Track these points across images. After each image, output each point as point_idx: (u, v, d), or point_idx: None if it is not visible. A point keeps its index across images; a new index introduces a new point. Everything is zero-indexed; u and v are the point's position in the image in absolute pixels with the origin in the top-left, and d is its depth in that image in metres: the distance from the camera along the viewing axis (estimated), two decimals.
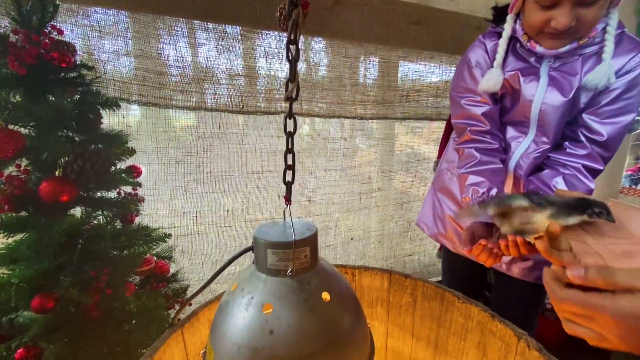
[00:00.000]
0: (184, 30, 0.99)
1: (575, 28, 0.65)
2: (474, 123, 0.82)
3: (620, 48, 0.70)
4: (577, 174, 0.74)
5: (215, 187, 1.15)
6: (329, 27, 1.15)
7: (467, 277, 1.05)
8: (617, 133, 0.73)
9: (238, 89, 1.07)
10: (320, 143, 1.30)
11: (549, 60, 0.75)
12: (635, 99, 0.72)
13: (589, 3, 0.62)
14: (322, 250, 1.40)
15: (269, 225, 0.55)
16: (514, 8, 0.75)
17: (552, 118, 0.75)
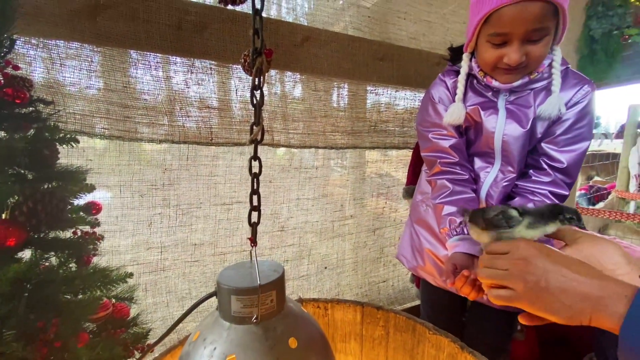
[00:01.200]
0: (152, 63, 0.98)
1: (525, 63, 0.72)
2: (443, 155, 0.87)
3: (566, 82, 0.78)
4: (545, 200, 0.80)
5: (183, 221, 1.11)
6: (299, 62, 1.19)
7: (447, 309, 1.06)
8: (576, 160, 0.80)
9: (208, 121, 1.07)
10: (293, 172, 1.31)
11: (504, 94, 0.82)
12: (587, 127, 0.80)
13: (535, 41, 0.70)
14: (296, 280, 1.37)
15: (234, 268, 0.53)
16: (469, 47, 0.81)
17: (514, 148, 0.82)
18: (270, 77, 1.17)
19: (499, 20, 0.68)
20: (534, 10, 0.65)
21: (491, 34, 0.71)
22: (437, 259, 0.98)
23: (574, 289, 0.42)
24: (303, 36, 1.17)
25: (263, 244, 1.27)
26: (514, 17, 0.66)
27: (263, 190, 1.24)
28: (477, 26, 0.73)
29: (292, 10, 1.24)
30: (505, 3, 0.65)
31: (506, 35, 0.70)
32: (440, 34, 1.59)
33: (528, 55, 0.71)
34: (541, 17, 0.66)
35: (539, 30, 0.68)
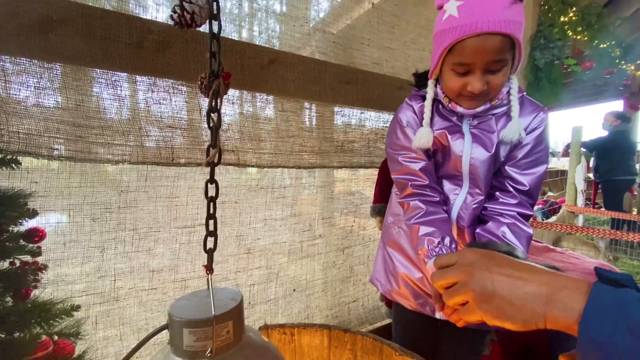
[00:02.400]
0: (109, 81, 0.95)
1: (486, 91, 0.77)
2: (413, 178, 0.88)
3: (524, 109, 0.84)
4: (516, 222, 0.84)
5: (139, 246, 1.05)
6: (266, 84, 1.20)
7: (420, 332, 1.06)
8: (536, 182, 0.85)
9: (169, 140, 1.03)
10: (260, 192, 1.29)
11: (468, 118, 0.86)
12: (544, 151, 0.86)
13: (495, 71, 0.75)
14: (263, 305, 1.32)
15: (188, 298, 0.50)
16: (433, 74, 0.85)
17: (481, 171, 0.86)
18: (237, 97, 1.16)
19: (462, 51, 0.73)
20: (494, 43, 0.70)
21: (455, 63, 0.75)
22: (412, 283, 0.98)
23: (522, 289, 0.39)
24: (269, 58, 1.19)
25: (228, 268, 1.22)
26: (476, 49, 0.71)
27: (229, 212, 1.21)
28: (442, 55, 0.77)
29: (260, 34, 1.26)
30: (467, 35, 0.70)
31: (469, 65, 0.74)
32: (401, 60, 1.68)
33: (489, 84, 0.76)
34: (500, 49, 0.71)
35: (498, 62, 0.73)
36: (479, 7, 0.69)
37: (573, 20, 2.79)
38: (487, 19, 0.68)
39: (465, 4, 0.71)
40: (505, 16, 0.68)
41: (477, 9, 0.69)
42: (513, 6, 0.70)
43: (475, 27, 0.69)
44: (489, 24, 0.68)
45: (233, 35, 1.18)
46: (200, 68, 1.05)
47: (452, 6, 0.72)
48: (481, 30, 0.68)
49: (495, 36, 0.69)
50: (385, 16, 1.61)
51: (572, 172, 4.15)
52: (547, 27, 2.47)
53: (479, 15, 0.68)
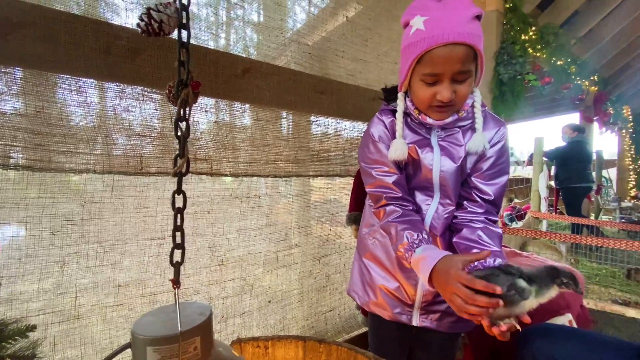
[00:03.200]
0: (72, 87, 0.91)
1: (454, 101, 0.80)
2: (387, 191, 0.90)
3: (487, 123, 0.89)
4: (487, 226, 0.88)
5: (104, 259, 0.99)
6: (240, 93, 1.19)
7: (395, 340, 1.06)
8: (500, 191, 0.90)
9: (138, 149, 1.00)
10: (234, 202, 1.26)
11: (436, 130, 0.89)
12: (506, 162, 0.92)
13: (461, 81, 0.79)
14: (237, 318, 1.28)
15: (154, 314, 0.48)
16: (403, 87, 0.87)
17: (450, 182, 0.89)
18: (210, 106, 1.15)
19: (431, 60, 0.76)
20: (460, 52, 0.74)
21: (425, 73, 0.78)
22: (390, 293, 0.99)
23: None
24: (244, 67, 1.19)
25: (200, 280, 1.18)
26: (444, 58, 0.75)
27: (201, 222, 1.18)
28: (411, 67, 0.80)
29: (236, 43, 1.26)
30: (436, 44, 0.74)
31: (437, 75, 0.77)
32: (375, 72, 1.73)
33: (456, 94, 0.79)
34: (466, 59, 0.75)
35: (464, 72, 0.77)
36: (444, 21, 0.74)
37: (533, 38, 2.99)
38: (453, 30, 0.73)
39: (431, 18, 0.75)
40: (469, 29, 0.74)
41: (442, 22, 0.74)
42: (473, 21, 0.75)
43: (443, 37, 0.73)
44: (455, 35, 0.73)
45: (209, 44, 1.17)
46: (172, 75, 1.02)
47: (418, 21, 0.77)
48: (448, 40, 0.73)
49: (461, 46, 0.74)
50: (358, 29, 1.66)
51: (535, 180, 4.39)
52: (509, 44, 2.63)
53: (445, 27, 0.73)
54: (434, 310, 0.97)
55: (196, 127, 1.12)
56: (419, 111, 0.87)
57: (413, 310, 0.98)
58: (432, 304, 0.97)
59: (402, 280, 0.97)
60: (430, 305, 0.97)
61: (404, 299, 0.98)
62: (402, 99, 0.88)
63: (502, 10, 2.67)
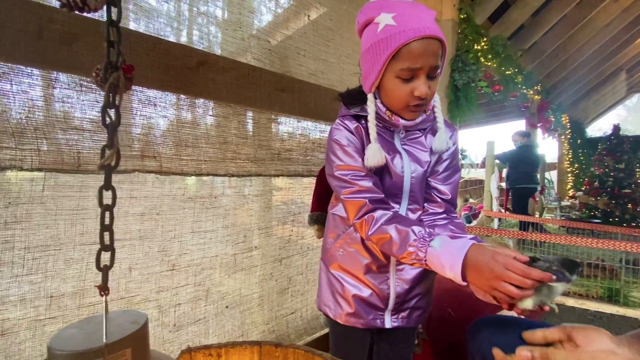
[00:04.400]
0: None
1: (428, 98, 0.80)
2: (369, 195, 0.84)
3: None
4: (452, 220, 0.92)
5: (33, 267, 0.88)
6: (194, 86, 1.13)
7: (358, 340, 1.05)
8: (455, 189, 0.95)
9: (75, 144, 0.90)
10: (187, 203, 1.19)
11: (399, 132, 0.88)
12: (457, 163, 0.97)
13: (433, 77, 0.79)
14: (191, 327, 1.21)
15: (77, 326, 0.43)
16: (372, 87, 0.82)
17: (419, 188, 0.91)
18: (159, 99, 1.07)
19: (408, 54, 0.74)
20: (435, 46, 0.75)
21: (402, 68, 0.76)
22: (363, 301, 0.97)
23: None
24: (198, 60, 1.13)
25: (149, 288, 1.09)
26: (422, 51, 0.73)
27: (149, 225, 1.09)
28: (384, 63, 0.76)
29: (191, 34, 1.19)
30: (413, 38, 0.72)
31: (415, 70, 0.75)
32: (337, 73, 1.74)
33: (430, 90, 0.79)
34: (439, 54, 0.76)
35: (438, 67, 0.78)
36: (414, 16, 0.74)
37: (484, 48, 3.20)
38: (426, 25, 0.73)
39: (399, 14, 0.74)
40: (436, 26, 0.76)
41: (413, 17, 0.74)
42: (435, 22, 0.78)
43: (419, 30, 0.72)
44: (429, 30, 0.73)
45: (161, 33, 1.09)
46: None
47: (385, 17, 0.75)
48: (425, 34, 0.72)
49: (435, 40, 0.75)
50: (320, 29, 1.65)
51: (487, 181, 4.69)
52: (464, 52, 2.78)
53: (420, 22, 0.73)
54: (403, 309, 0.99)
55: (144, 122, 1.04)
56: (391, 112, 0.84)
57: (385, 313, 0.98)
58: (402, 303, 0.98)
59: (374, 286, 0.96)
60: (400, 305, 0.98)
61: (377, 304, 0.97)
62: (373, 101, 0.83)
63: (457, 20, 2.82)
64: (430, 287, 1.04)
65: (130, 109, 1.01)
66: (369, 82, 0.82)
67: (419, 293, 0.99)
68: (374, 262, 0.94)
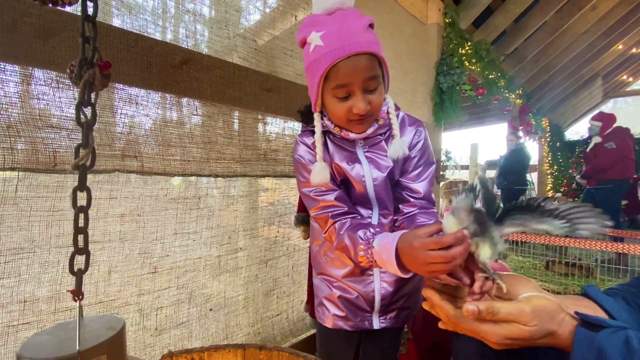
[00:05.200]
0: None
1: (370, 112, 0.79)
2: (331, 209, 0.86)
3: (404, 126, 0.91)
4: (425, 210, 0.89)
5: (5, 271, 0.84)
6: (177, 85, 1.10)
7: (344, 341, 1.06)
8: (428, 186, 0.92)
9: (50, 143, 0.87)
10: (169, 204, 1.17)
11: (360, 143, 0.89)
12: (428, 157, 0.93)
13: (372, 90, 0.78)
14: (173, 330, 1.18)
15: (50, 332, 0.41)
16: (317, 107, 0.84)
17: (384, 193, 0.90)
18: (141, 97, 1.04)
19: (337, 74, 0.74)
20: (364, 62, 0.74)
21: (334, 88, 0.76)
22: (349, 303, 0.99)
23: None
24: (182, 58, 1.11)
25: (130, 291, 1.06)
26: (350, 69, 0.73)
27: (129, 226, 1.06)
28: (319, 84, 0.77)
29: (175, 32, 1.17)
30: (339, 58, 0.72)
31: (347, 87, 0.75)
32: None
33: (371, 104, 0.78)
34: (371, 67, 0.75)
35: (373, 79, 0.76)
36: (341, 33, 0.73)
37: (469, 52, 3.27)
38: (352, 41, 0.72)
39: (327, 33, 0.74)
40: (366, 38, 0.74)
41: (339, 35, 0.73)
42: (368, 30, 0.76)
43: (344, 50, 0.72)
44: (355, 46, 0.72)
45: (148, 30, 1.06)
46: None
47: (315, 37, 0.75)
48: (350, 52, 0.72)
49: (363, 56, 0.73)
50: None
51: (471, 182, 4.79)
52: (448, 56, 2.83)
53: (344, 39, 0.72)
54: (391, 310, 0.99)
55: (124, 121, 1.01)
56: (340, 128, 0.85)
57: (372, 314, 0.99)
58: (389, 305, 0.99)
59: (359, 290, 0.97)
60: (387, 306, 0.99)
61: (364, 307, 0.98)
62: (319, 119, 0.85)
63: (443, 24, 2.87)
64: (417, 286, 1.04)
65: (110, 107, 0.98)
66: (313, 102, 0.84)
67: (406, 294, 1.00)
68: (357, 267, 0.95)
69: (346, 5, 0.77)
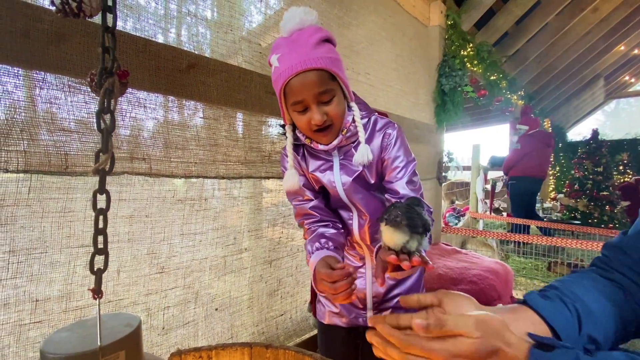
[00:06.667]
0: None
1: (329, 121, 0.83)
2: (306, 217, 0.97)
3: (373, 132, 0.91)
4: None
5: (18, 271, 0.87)
6: (184, 88, 1.13)
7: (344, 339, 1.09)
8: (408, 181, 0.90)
9: (62, 146, 0.89)
10: (176, 206, 1.19)
11: (335, 153, 0.92)
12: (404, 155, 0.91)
13: (327, 101, 0.82)
14: (180, 329, 1.20)
15: (70, 329, 0.43)
16: (286, 120, 0.90)
17: (356, 197, 0.93)
18: (150, 101, 1.07)
19: (290, 91, 0.80)
20: (311, 77, 0.78)
21: (291, 103, 0.82)
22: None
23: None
24: (189, 62, 1.13)
25: (137, 290, 1.08)
26: (299, 86, 0.79)
27: (138, 227, 1.08)
28: (282, 101, 0.84)
29: (181, 36, 1.19)
30: (289, 77, 0.78)
31: (302, 102, 0.80)
32: None
33: (328, 115, 0.82)
34: (319, 82, 0.79)
35: (325, 92, 0.80)
36: (291, 53, 0.79)
37: (470, 54, 3.28)
38: (299, 60, 0.77)
39: (282, 55, 0.80)
40: (315, 54, 0.78)
41: (291, 55, 0.79)
42: (320, 45, 0.80)
43: (292, 68, 0.78)
44: (301, 64, 0.77)
45: (152, 35, 1.08)
46: None
47: (274, 60, 0.81)
48: (297, 70, 0.77)
49: (311, 72, 0.78)
50: None
51: (473, 183, 4.79)
52: (450, 58, 2.85)
53: (293, 59, 0.78)
54: (385, 308, 1.02)
55: (134, 124, 1.03)
56: (310, 139, 0.90)
57: (366, 311, 1.02)
58: (382, 302, 1.02)
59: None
60: (380, 303, 1.02)
61: (356, 304, 1.02)
62: (290, 131, 0.91)
63: (444, 26, 2.89)
64: (412, 288, 1.05)
65: (119, 111, 1.01)
66: (282, 116, 0.91)
67: (400, 294, 1.02)
68: (350, 262, 1.01)
69: (306, 25, 0.82)
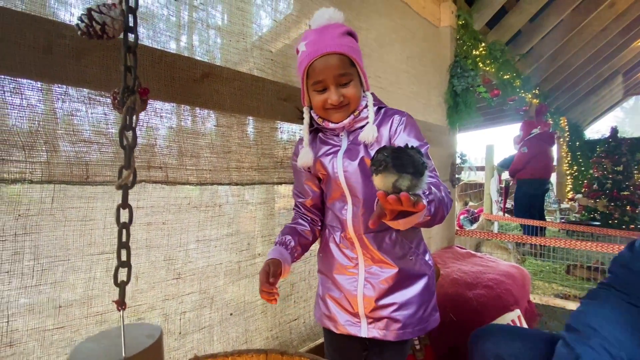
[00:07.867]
0: (5, 88, 0.82)
1: (345, 102, 0.93)
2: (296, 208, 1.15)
3: (384, 119, 0.97)
4: None
5: (42, 278, 0.90)
6: (199, 97, 1.15)
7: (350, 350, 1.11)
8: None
9: (83, 156, 0.92)
10: (192, 212, 1.21)
11: (345, 135, 0.98)
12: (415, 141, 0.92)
13: (345, 84, 0.92)
14: (196, 334, 1.22)
15: (95, 340, 0.44)
16: (304, 101, 1.00)
17: (354, 181, 0.95)
18: (166, 111, 1.09)
19: (313, 71, 0.92)
20: (334, 60, 0.89)
21: (312, 83, 0.93)
22: (336, 302, 1.04)
23: None
24: (203, 72, 1.15)
25: (155, 296, 1.11)
26: (322, 67, 0.90)
27: (155, 234, 1.11)
28: (304, 81, 0.95)
29: (195, 46, 1.21)
30: (313, 58, 0.89)
31: (322, 82, 0.91)
32: None
33: (345, 96, 0.92)
34: (340, 65, 0.90)
35: (343, 75, 0.91)
36: (318, 39, 0.90)
37: (482, 54, 3.23)
38: (325, 44, 0.89)
39: (309, 41, 0.92)
40: (339, 42, 0.89)
41: (317, 41, 0.90)
42: (344, 36, 0.91)
43: (318, 51, 0.89)
44: (326, 47, 0.89)
45: (166, 46, 1.11)
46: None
47: (302, 46, 0.94)
48: (321, 53, 0.89)
49: (334, 55, 0.89)
50: None
51: (487, 185, 4.71)
52: (462, 58, 2.81)
53: (319, 44, 0.90)
54: (378, 317, 0.99)
55: (150, 134, 1.06)
56: (322, 119, 0.98)
57: (360, 319, 1.00)
58: (375, 310, 0.99)
59: (344, 289, 1.01)
60: (373, 311, 0.99)
61: (348, 308, 1.02)
62: (307, 112, 1.02)
63: (455, 26, 2.86)
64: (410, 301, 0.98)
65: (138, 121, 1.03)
66: (302, 97, 1.01)
67: (395, 303, 0.97)
68: (342, 262, 1.02)
69: (333, 22, 0.93)
